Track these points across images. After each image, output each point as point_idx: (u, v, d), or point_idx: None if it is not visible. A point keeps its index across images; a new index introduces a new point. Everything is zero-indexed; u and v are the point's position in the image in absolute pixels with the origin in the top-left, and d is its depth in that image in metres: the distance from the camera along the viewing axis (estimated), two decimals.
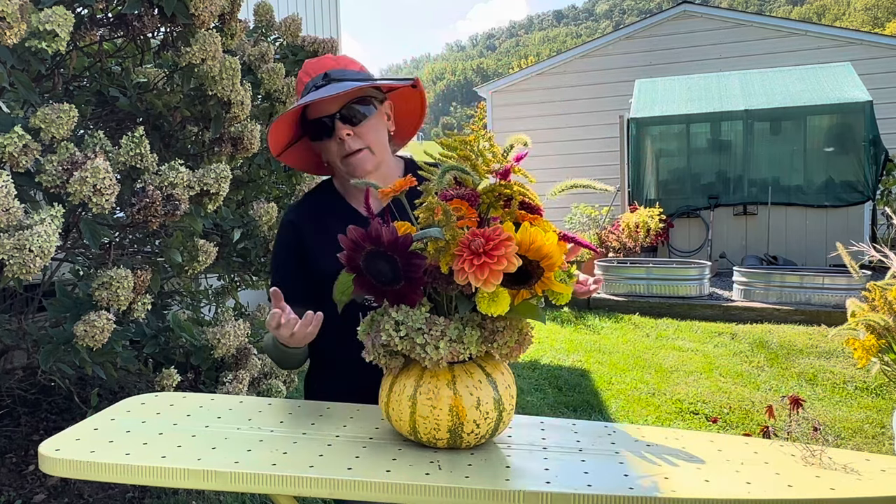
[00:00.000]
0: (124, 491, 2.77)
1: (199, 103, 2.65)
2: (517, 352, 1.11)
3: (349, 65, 1.44)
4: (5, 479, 2.71)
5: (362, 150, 1.38)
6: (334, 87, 1.35)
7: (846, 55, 9.17)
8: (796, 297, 6.27)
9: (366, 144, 1.39)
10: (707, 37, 10.07)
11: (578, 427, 1.25)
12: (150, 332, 2.60)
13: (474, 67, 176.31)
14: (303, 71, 1.44)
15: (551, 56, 11.28)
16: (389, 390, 1.13)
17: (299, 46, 3.32)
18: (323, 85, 1.37)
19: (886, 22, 79.44)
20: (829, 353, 5.00)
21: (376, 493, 0.99)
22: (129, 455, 1.06)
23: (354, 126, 1.37)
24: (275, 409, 1.31)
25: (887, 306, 2.78)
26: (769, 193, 8.08)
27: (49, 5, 1.96)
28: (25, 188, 1.96)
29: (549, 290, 1.07)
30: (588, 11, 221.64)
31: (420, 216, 1.06)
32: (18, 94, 2.01)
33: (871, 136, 7.58)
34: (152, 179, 2.09)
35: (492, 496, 0.98)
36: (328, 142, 1.40)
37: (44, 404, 3.25)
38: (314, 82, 1.39)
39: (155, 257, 2.67)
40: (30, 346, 2.36)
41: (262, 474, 1.02)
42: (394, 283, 1.05)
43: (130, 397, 1.36)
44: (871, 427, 3.61)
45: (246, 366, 2.69)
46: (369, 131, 1.40)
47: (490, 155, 1.13)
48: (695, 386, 4.37)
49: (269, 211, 2.92)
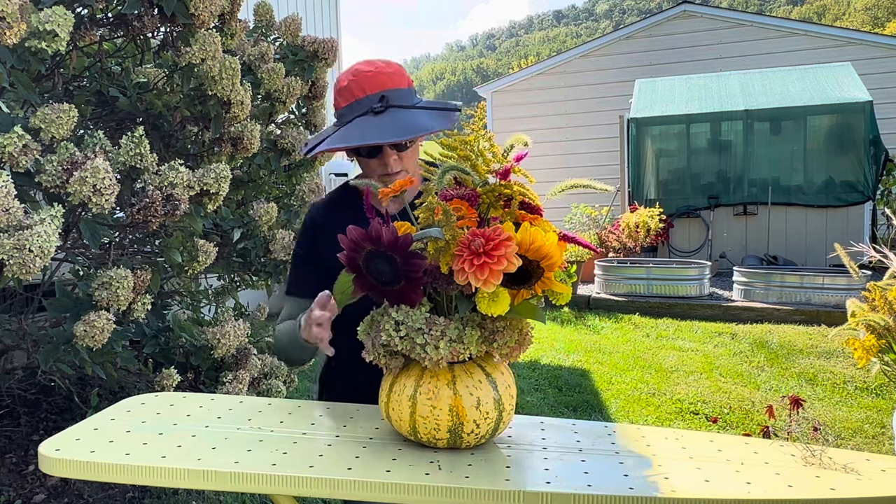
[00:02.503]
0: (124, 491, 2.77)
1: (199, 103, 2.64)
2: (517, 352, 1.11)
3: (399, 80, 1.40)
4: (5, 479, 2.71)
5: (401, 171, 1.41)
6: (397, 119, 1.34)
7: (846, 55, 9.17)
8: (796, 297, 6.27)
9: (405, 167, 1.41)
10: (707, 37, 10.08)
11: (578, 427, 1.25)
12: (150, 332, 2.60)
13: (474, 67, 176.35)
14: (355, 82, 1.38)
15: (551, 56, 11.28)
16: (389, 390, 1.13)
17: (299, 46, 3.32)
18: (381, 110, 1.35)
19: (886, 22, 79.44)
20: (829, 353, 5.00)
21: (376, 493, 0.99)
22: (129, 455, 1.06)
23: (401, 152, 1.39)
24: (275, 409, 1.31)
25: (887, 306, 2.78)
26: (769, 193, 8.08)
27: (49, 5, 1.96)
28: (25, 188, 1.96)
29: (549, 290, 1.07)
30: (588, 11, 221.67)
31: (420, 216, 1.06)
32: (18, 94, 2.01)
33: (871, 136, 7.58)
34: (152, 179, 2.09)
35: (492, 496, 0.98)
36: (371, 160, 1.41)
37: (44, 404, 3.25)
38: (370, 103, 1.36)
39: (155, 257, 2.67)
40: (30, 346, 2.36)
41: (262, 474, 1.02)
42: (394, 282, 1.05)
43: (130, 397, 1.36)
44: (871, 427, 3.61)
45: (246, 366, 2.69)
46: (411, 156, 1.42)
47: (490, 155, 1.13)
48: (695, 386, 4.37)
49: (269, 211, 2.92)
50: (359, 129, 1.34)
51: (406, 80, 1.41)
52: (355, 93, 1.37)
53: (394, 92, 1.37)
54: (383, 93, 1.36)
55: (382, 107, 1.35)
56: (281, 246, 2.98)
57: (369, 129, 1.33)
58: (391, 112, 1.35)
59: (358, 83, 1.37)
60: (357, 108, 1.36)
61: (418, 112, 1.37)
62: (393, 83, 1.37)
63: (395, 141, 1.32)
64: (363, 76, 1.37)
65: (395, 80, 1.38)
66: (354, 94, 1.37)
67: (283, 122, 3.50)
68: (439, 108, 1.40)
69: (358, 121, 1.35)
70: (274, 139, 3.21)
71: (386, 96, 1.35)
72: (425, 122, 1.34)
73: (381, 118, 1.34)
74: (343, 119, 1.39)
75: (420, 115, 1.37)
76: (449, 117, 1.38)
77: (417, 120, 1.35)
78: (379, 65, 1.39)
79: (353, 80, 1.37)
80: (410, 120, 1.35)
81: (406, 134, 1.32)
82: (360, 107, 1.36)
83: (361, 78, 1.37)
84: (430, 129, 1.34)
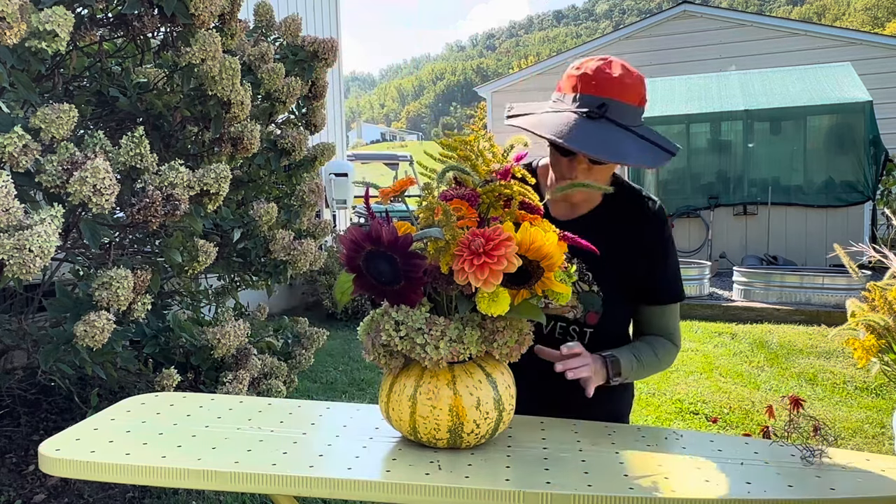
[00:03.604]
0: (124, 491, 2.77)
1: (199, 103, 2.64)
2: (517, 352, 1.11)
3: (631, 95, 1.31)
4: (5, 479, 2.71)
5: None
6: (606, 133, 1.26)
7: (846, 55, 9.17)
8: (796, 297, 6.27)
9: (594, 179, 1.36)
10: (707, 37, 10.08)
11: (578, 427, 1.25)
12: (150, 332, 2.60)
13: (474, 67, 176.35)
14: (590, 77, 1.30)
15: (551, 56, 11.29)
16: (389, 390, 1.13)
17: (299, 46, 3.32)
18: (596, 116, 1.28)
19: (886, 22, 79.45)
20: (829, 353, 5.00)
21: (376, 493, 0.99)
22: (129, 455, 1.06)
23: (593, 165, 1.34)
24: (275, 409, 1.31)
25: (887, 306, 2.78)
26: (769, 193, 8.08)
27: (49, 5, 1.96)
28: (25, 188, 1.96)
29: (549, 290, 1.07)
30: (588, 11, 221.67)
31: (420, 216, 1.06)
32: (18, 94, 2.01)
33: (871, 136, 7.58)
34: (152, 179, 2.09)
35: (492, 496, 0.98)
36: (562, 158, 1.35)
37: (44, 404, 3.25)
38: (588, 102, 1.29)
39: (155, 257, 2.67)
40: (30, 346, 2.36)
41: (262, 474, 1.02)
42: (394, 282, 1.05)
43: (130, 397, 1.36)
44: (871, 427, 3.61)
45: (246, 366, 2.70)
46: (604, 171, 1.37)
47: (490, 155, 1.13)
48: (695, 386, 4.37)
49: (269, 211, 2.91)
50: (566, 125, 1.28)
51: (638, 97, 1.33)
52: (583, 88, 1.30)
53: (619, 105, 1.29)
54: (606, 101, 1.29)
55: (599, 115, 1.28)
56: (281, 246, 2.98)
57: (576, 130, 1.26)
58: (605, 124, 1.28)
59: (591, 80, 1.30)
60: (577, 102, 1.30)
61: (630, 136, 1.29)
62: (623, 95, 1.30)
63: (590, 156, 1.27)
64: (600, 75, 1.30)
65: (627, 93, 1.30)
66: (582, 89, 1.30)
67: (283, 122, 3.50)
68: (655, 143, 1.32)
69: (571, 116, 1.29)
70: (274, 139, 3.21)
71: (607, 105, 1.28)
72: (630, 151, 1.27)
73: (593, 125, 1.27)
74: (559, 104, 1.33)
75: (631, 140, 1.29)
76: (658, 156, 1.31)
77: (624, 145, 1.27)
78: (620, 71, 1.31)
79: (589, 75, 1.31)
80: (618, 141, 1.27)
81: (603, 154, 1.25)
82: (581, 103, 1.30)
83: (598, 76, 1.30)
84: (630, 161, 1.27)
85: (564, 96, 1.33)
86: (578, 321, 1.43)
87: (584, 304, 1.42)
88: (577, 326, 1.44)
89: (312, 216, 3.45)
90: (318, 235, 3.43)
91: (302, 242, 3.04)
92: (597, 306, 1.43)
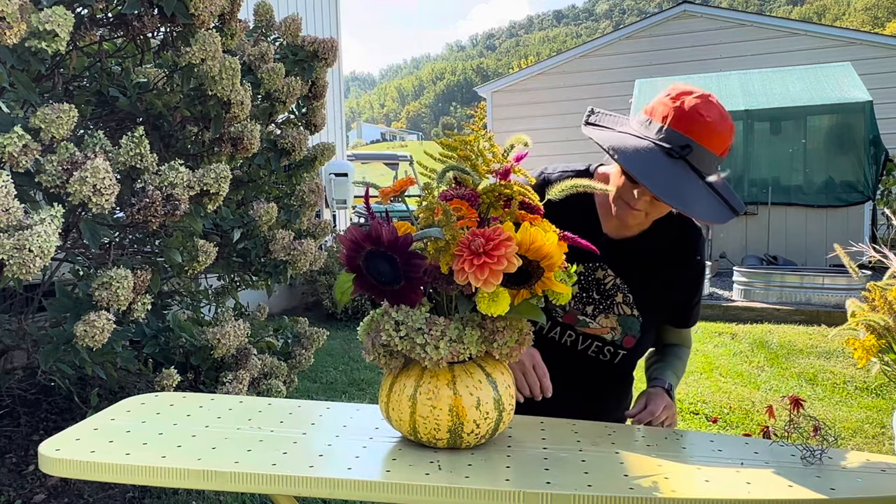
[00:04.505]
0: (124, 491, 2.77)
1: (199, 103, 2.64)
2: (517, 352, 1.11)
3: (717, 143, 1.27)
4: (5, 479, 2.71)
5: (643, 212, 1.35)
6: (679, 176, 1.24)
7: (846, 55, 9.18)
8: (796, 297, 6.27)
9: (649, 212, 1.36)
10: (707, 37, 10.09)
11: (578, 427, 1.25)
12: (150, 332, 2.60)
13: (474, 67, 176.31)
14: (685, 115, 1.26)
15: (551, 56, 11.29)
16: (389, 390, 1.13)
17: (299, 46, 3.32)
18: (676, 156, 1.25)
19: (886, 22, 79.47)
20: (829, 353, 5.00)
21: (376, 493, 0.99)
22: (129, 455, 1.06)
23: (656, 200, 1.31)
24: (275, 409, 1.31)
25: (887, 306, 2.77)
26: (769, 193, 8.08)
27: (49, 5, 1.96)
28: (25, 188, 1.96)
29: (549, 290, 1.07)
30: (588, 11, 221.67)
31: (420, 216, 1.06)
32: (18, 94, 2.01)
33: (871, 136, 7.58)
34: (152, 179, 2.09)
35: (492, 496, 0.98)
36: (629, 183, 1.33)
37: (44, 404, 3.25)
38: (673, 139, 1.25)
39: (155, 257, 2.67)
40: (30, 346, 2.36)
41: (262, 474, 1.02)
42: (394, 282, 1.05)
43: (130, 397, 1.36)
44: (871, 427, 3.61)
45: (246, 366, 2.69)
46: (663, 208, 1.36)
47: (490, 155, 1.13)
48: (695, 386, 4.37)
49: (269, 211, 2.91)
50: (644, 156, 1.25)
51: (722, 147, 1.29)
52: (673, 123, 1.27)
53: (701, 150, 1.26)
54: (691, 143, 1.25)
55: (679, 155, 1.25)
56: (281, 246, 2.97)
57: (651, 164, 1.24)
58: (682, 166, 1.26)
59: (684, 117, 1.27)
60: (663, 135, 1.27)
61: (701, 186, 1.27)
62: (709, 142, 1.26)
63: (657, 197, 1.25)
64: (694, 115, 1.26)
65: (714, 141, 1.27)
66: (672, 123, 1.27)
67: (283, 122, 3.50)
68: (725, 198, 1.29)
69: (651, 147, 1.27)
70: (274, 139, 3.21)
71: (691, 148, 1.25)
72: (695, 201, 1.25)
73: (669, 162, 1.25)
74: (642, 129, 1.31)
75: (702, 191, 1.26)
76: (721, 214, 1.28)
77: (693, 193, 1.25)
78: (715, 115, 1.27)
79: (683, 111, 1.27)
80: (688, 188, 1.25)
81: (670, 199, 1.23)
82: (666, 136, 1.27)
83: (692, 116, 1.26)
84: (693, 212, 1.25)
85: (651, 123, 1.30)
86: (615, 342, 1.49)
87: (623, 328, 1.47)
88: (611, 347, 1.49)
89: (312, 216, 3.46)
90: (318, 235, 3.43)
91: (302, 242, 3.04)
92: (634, 331, 1.48)
